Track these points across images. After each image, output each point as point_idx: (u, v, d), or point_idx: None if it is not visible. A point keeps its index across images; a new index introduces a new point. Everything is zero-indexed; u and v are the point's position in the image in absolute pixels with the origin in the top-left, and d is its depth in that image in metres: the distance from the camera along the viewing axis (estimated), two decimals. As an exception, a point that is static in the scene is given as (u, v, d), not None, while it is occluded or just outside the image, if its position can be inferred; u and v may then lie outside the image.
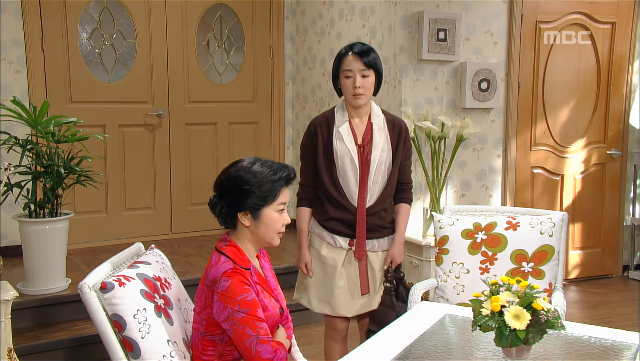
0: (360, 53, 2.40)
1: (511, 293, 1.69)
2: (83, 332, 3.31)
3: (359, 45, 2.43)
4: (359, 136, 2.49)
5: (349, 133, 2.47)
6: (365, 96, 2.42)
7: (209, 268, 1.81)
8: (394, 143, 2.50)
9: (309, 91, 5.09)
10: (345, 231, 2.50)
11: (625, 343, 1.78)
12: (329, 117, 2.53)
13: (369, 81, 2.41)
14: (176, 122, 4.91)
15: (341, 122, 2.48)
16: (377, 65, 2.42)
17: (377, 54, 2.47)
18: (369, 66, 2.39)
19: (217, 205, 1.84)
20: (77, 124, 3.64)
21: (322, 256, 2.53)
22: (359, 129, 2.50)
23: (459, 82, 4.18)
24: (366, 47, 2.43)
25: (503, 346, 1.65)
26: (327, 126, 2.50)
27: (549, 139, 4.60)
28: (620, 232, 4.91)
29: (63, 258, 3.58)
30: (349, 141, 2.46)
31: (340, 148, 2.46)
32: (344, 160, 2.45)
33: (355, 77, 2.39)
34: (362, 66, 2.39)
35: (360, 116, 2.50)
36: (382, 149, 2.46)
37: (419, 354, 1.71)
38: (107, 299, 1.69)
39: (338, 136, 2.47)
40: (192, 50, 4.92)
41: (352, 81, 2.40)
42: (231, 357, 1.82)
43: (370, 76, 2.41)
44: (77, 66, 4.51)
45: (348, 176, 2.46)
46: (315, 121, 2.55)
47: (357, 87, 2.39)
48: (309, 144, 2.54)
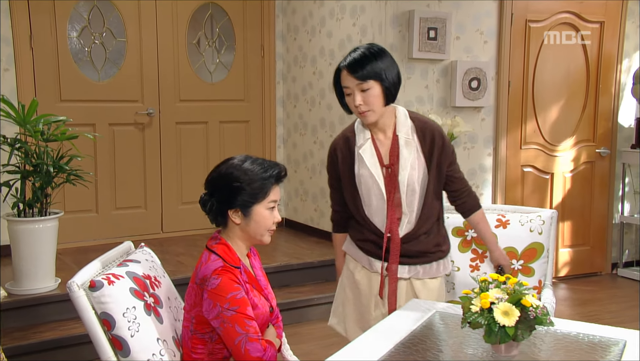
0: (351, 67, 2.04)
1: (500, 290, 1.70)
2: (72, 332, 3.29)
3: (351, 57, 2.06)
4: (385, 154, 2.14)
5: (372, 154, 2.13)
6: (372, 112, 2.07)
7: (199, 266, 1.81)
8: (427, 155, 2.13)
9: (300, 90, 5.09)
10: (381, 255, 2.19)
11: (612, 340, 1.79)
12: (349, 137, 2.19)
13: (371, 94, 2.04)
14: (167, 121, 4.89)
15: (362, 142, 2.15)
16: (376, 74, 2.04)
17: (381, 55, 2.07)
18: (366, 78, 2.03)
19: (207, 202, 1.84)
20: (66, 122, 3.62)
21: (356, 281, 2.26)
22: (384, 146, 2.15)
23: (450, 80, 4.20)
24: (359, 56, 2.05)
25: (492, 342, 1.66)
26: (348, 147, 2.18)
27: (538, 137, 4.62)
28: (609, 230, 4.95)
29: (52, 257, 3.55)
30: (372, 163, 2.12)
31: (362, 173, 2.13)
32: (368, 187, 2.13)
33: (354, 94, 2.06)
34: (357, 80, 2.04)
35: (384, 130, 2.15)
36: (411, 166, 2.10)
37: (408, 351, 1.72)
38: (96, 298, 1.69)
39: (359, 158, 2.14)
40: (183, 49, 4.90)
41: (351, 98, 2.07)
42: (221, 355, 1.82)
43: (372, 87, 2.04)
44: (67, 65, 4.49)
45: (375, 205, 2.14)
46: (335, 142, 2.23)
47: (358, 106, 2.06)
48: (331, 168, 2.24)
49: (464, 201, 2.25)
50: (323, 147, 4.84)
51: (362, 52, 2.06)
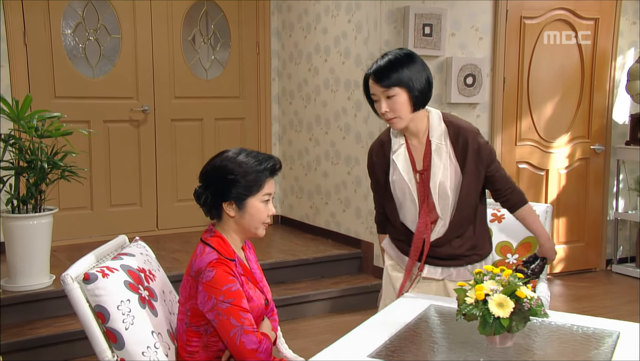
0: (376, 75, 2.05)
1: (495, 282, 1.71)
2: (67, 328, 3.28)
3: (377, 64, 2.07)
4: (418, 160, 2.15)
5: (406, 159, 2.15)
6: (400, 118, 2.06)
7: (193, 259, 1.80)
8: (460, 159, 2.12)
9: (296, 87, 5.09)
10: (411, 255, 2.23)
11: (606, 331, 1.80)
12: (384, 142, 2.22)
13: (397, 101, 2.04)
14: (162, 118, 4.88)
15: (396, 148, 2.17)
16: (402, 81, 2.03)
17: (408, 61, 2.06)
18: (391, 86, 2.03)
19: (202, 195, 1.83)
20: (61, 119, 3.61)
21: (391, 277, 2.32)
22: (417, 151, 2.15)
23: (445, 77, 4.20)
24: (384, 64, 2.05)
25: (487, 334, 1.66)
26: (383, 153, 2.21)
27: (534, 134, 4.63)
28: (604, 226, 4.96)
29: (47, 254, 3.54)
30: (404, 169, 2.14)
31: (395, 179, 2.16)
32: (402, 192, 2.16)
33: (380, 101, 2.07)
34: (382, 88, 2.05)
35: (417, 135, 2.15)
36: (443, 172, 2.11)
37: (403, 343, 1.72)
38: (90, 291, 1.68)
39: (393, 164, 2.17)
40: (178, 46, 4.89)
41: (379, 105, 2.08)
42: (216, 348, 1.81)
43: (398, 94, 2.03)
44: (61, 61, 4.47)
45: (408, 209, 2.17)
46: (372, 147, 2.27)
47: (384, 113, 2.06)
48: (370, 172, 2.29)
49: (507, 199, 2.24)
50: (318, 144, 4.84)
51: (389, 59, 2.07)
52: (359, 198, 4.41)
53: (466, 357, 1.65)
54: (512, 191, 2.23)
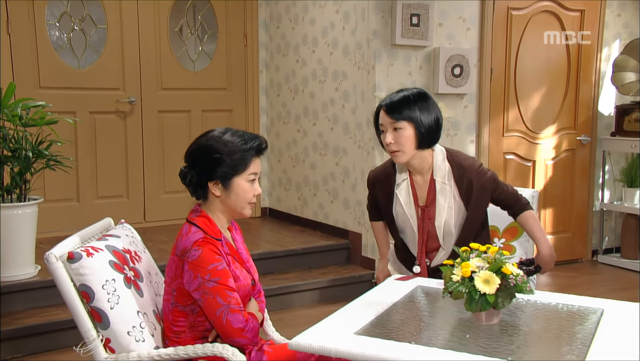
0: (388, 107, 2.14)
1: (481, 259, 1.71)
2: (53, 318, 3.25)
3: (390, 98, 2.17)
4: (421, 196, 2.24)
5: (408, 193, 2.23)
6: (402, 152, 2.14)
7: (179, 238, 1.79)
8: (465, 198, 2.20)
9: (283, 78, 5.07)
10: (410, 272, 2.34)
11: (591, 308, 1.82)
12: (389, 173, 2.30)
13: (403, 135, 2.12)
14: (149, 110, 4.85)
15: (400, 182, 2.25)
16: (411, 117, 2.11)
17: (421, 100, 2.15)
18: (399, 119, 2.12)
19: (187, 175, 1.82)
20: (46, 109, 3.56)
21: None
22: (421, 188, 2.24)
23: (432, 67, 4.21)
24: (398, 98, 2.15)
25: (473, 310, 1.67)
26: (388, 184, 2.29)
27: (521, 125, 4.66)
28: (590, 217, 5.00)
29: (32, 244, 3.51)
30: (407, 203, 2.23)
31: (398, 211, 2.26)
32: (403, 223, 2.27)
33: (387, 132, 2.15)
34: (390, 119, 2.13)
35: (422, 172, 2.23)
36: (447, 212, 2.19)
37: (390, 321, 1.72)
38: (75, 270, 1.66)
39: (396, 198, 2.26)
40: (165, 37, 4.86)
41: (384, 136, 2.16)
42: (202, 328, 1.80)
43: (405, 128, 2.11)
44: (46, 51, 4.42)
45: (409, 236, 2.29)
46: (375, 176, 2.35)
47: (388, 144, 2.14)
48: (370, 194, 2.42)
49: (509, 208, 2.33)
50: (306, 135, 4.83)
51: (403, 95, 2.17)
52: (347, 189, 4.41)
53: (452, 334, 1.65)
54: (517, 201, 2.31)
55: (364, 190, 4.21)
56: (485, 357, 1.45)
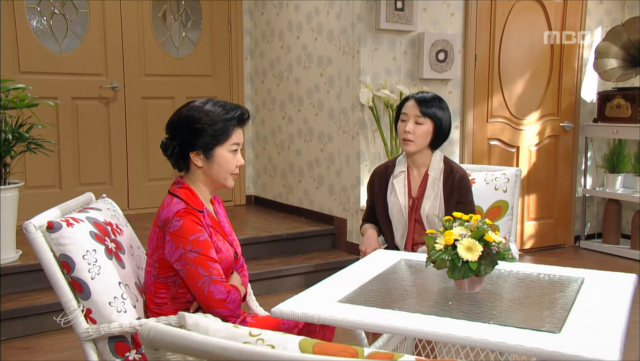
0: (420, 101, 2.39)
1: (464, 227, 1.72)
2: (34, 302, 3.21)
3: (422, 94, 2.43)
4: (414, 188, 2.46)
5: (404, 185, 2.46)
6: (415, 143, 2.38)
7: (160, 210, 1.77)
8: (446, 194, 2.42)
9: (268, 65, 5.05)
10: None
11: (572, 277, 1.83)
12: (389, 167, 2.53)
13: (421, 129, 2.37)
14: (132, 96, 4.80)
15: (398, 173, 2.48)
16: (435, 115, 2.37)
17: (445, 106, 2.42)
18: (425, 115, 2.36)
19: (168, 146, 1.80)
20: (26, 92, 3.51)
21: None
22: (415, 181, 2.47)
23: (417, 52, 4.21)
24: (430, 96, 2.41)
25: (456, 278, 1.67)
26: (386, 176, 2.50)
27: (505, 111, 4.68)
28: (573, 203, 5.05)
29: (13, 228, 3.46)
30: (401, 193, 2.45)
31: (392, 199, 2.46)
32: (394, 213, 2.45)
33: (409, 121, 2.38)
34: (417, 112, 2.37)
35: (419, 168, 2.47)
36: (432, 203, 2.40)
37: (373, 290, 1.72)
38: (55, 240, 1.64)
39: (392, 188, 2.47)
40: (148, 22, 4.81)
41: (405, 124, 2.39)
42: (184, 299, 1.79)
43: (425, 124, 2.37)
44: (25, 35, 4.35)
45: (401, 231, 2.46)
46: (376, 170, 2.56)
47: (407, 132, 2.36)
48: (369, 190, 2.57)
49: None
50: (292, 122, 4.82)
51: (433, 95, 2.44)
52: (332, 175, 4.41)
53: (436, 301, 1.66)
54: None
55: (349, 176, 4.22)
56: (467, 321, 1.46)
